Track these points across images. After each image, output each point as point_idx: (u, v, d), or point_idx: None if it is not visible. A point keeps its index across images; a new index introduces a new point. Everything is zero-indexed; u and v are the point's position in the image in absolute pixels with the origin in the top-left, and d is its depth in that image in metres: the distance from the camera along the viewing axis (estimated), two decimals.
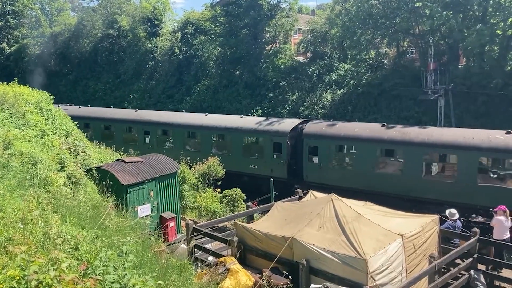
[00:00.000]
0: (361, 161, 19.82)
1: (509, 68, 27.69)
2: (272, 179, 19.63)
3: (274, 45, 41.50)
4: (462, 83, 28.07)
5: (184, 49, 44.43)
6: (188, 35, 44.93)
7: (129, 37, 48.52)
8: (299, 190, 14.77)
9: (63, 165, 12.43)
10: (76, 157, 14.40)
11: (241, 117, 25.77)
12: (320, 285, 9.35)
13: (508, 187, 16.74)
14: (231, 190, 19.79)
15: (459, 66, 30.96)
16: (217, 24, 41.77)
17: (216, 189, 20.20)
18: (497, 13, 27.93)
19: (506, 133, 17.31)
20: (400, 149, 19.09)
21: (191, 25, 45.60)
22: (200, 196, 19.65)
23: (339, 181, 19.96)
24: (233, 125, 24.32)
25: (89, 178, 13.64)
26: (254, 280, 9.68)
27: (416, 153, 18.53)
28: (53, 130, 15.42)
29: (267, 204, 14.59)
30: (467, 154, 17.39)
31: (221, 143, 24.98)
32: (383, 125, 20.42)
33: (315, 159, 21.06)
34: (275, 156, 22.40)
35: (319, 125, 22.12)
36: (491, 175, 17.49)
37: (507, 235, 12.91)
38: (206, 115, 27.07)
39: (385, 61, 35.58)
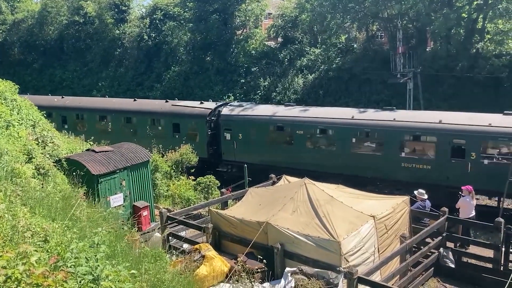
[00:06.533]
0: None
1: (474, 51, 28.32)
2: (245, 165, 19.83)
3: (244, 30, 41.16)
4: (430, 66, 28.58)
5: (153, 35, 43.60)
6: (157, 21, 44.05)
7: (96, 24, 47.24)
8: (272, 175, 14.86)
9: (30, 156, 12.08)
10: (45, 148, 14.01)
11: None
12: (294, 268, 9.47)
13: None
14: (204, 177, 19.73)
15: (427, 50, 31.47)
16: (186, 9, 41.12)
17: (190, 177, 20.10)
18: None
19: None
20: (58, 111, 28.85)
21: (159, 10, 44.68)
22: (173, 184, 19.50)
23: None
24: None
25: (59, 169, 13.32)
26: (230, 266, 9.73)
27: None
28: (19, 120, 14.92)
29: (242, 190, 14.62)
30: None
31: None
32: (62, 97, 30.66)
33: None
34: None
35: None
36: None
37: (473, 213, 13.33)
38: None
39: (355, 45, 35.81)
